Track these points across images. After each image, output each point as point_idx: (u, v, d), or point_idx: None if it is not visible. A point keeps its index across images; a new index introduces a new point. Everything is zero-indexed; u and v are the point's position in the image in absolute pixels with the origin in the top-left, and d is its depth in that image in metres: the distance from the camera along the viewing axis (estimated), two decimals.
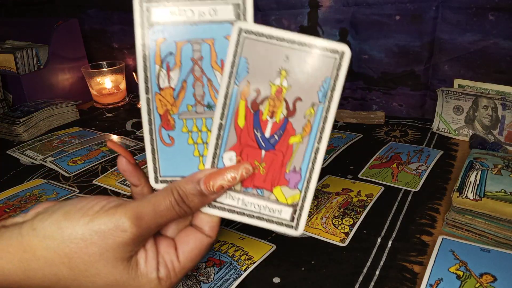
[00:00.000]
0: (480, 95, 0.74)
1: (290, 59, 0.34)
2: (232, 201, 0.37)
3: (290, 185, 0.36)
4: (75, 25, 1.13)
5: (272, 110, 0.35)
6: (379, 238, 0.52)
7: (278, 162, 0.36)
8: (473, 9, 0.75)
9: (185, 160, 0.39)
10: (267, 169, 0.36)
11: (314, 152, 0.35)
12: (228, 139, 0.37)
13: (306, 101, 0.34)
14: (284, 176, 0.36)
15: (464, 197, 0.51)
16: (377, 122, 0.87)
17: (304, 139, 0.35)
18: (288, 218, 0.37)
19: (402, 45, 0.83)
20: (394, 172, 0.67)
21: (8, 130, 0.92)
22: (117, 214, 0.32)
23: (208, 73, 0.37)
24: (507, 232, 0.49)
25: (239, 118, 0.36)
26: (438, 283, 0.43)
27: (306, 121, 0.35)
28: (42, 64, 1.08)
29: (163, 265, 0.35)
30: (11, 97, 1.04)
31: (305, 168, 0.35)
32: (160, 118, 0.39)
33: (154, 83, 0.38)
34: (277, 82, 0.34)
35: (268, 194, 0.36)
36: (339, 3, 0.85)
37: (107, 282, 0.32)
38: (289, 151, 0.36)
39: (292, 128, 0.35)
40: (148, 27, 0.37)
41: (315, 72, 0.33)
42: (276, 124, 0.35)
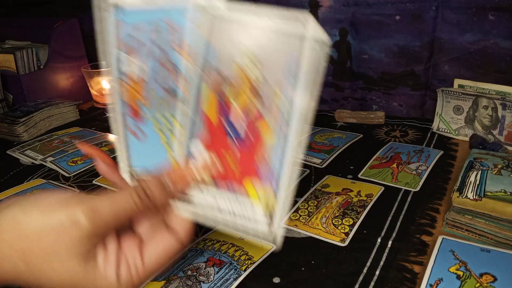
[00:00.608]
0: (480, 95, 0.74)
1: (254, 39, 0.31)
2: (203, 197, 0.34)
3: (262, 179, 0.32)
4: (75, 25, 1.13)
5: (235, 92, 0.32)
6: (379, 238, 0.52)
7: (247, 151, 0.32)
8: (473, 9, 0.75)
9: (152, 148, 0.37)
10: (236, 160, 0.33)
11: (284, 139, 0.31)
12: (195, 127, 0.34)
13: (273, 83, 0.31)
14: (254, 168, 0.32)
15: (464, 197, 0.51)
16: (377, 122, 0.87)
17: (271, 124, 0.31)
18: (265, 230, 0.33)
19: (402, 45, 0.83)
20: (394, 172, 0.67)
21: (8, 130, 0.92)
22: (73, 208, 0.30)
23: (171, 57, 0.34)
24: (507, 232, 0.49)
25: (205, 104, 0.33)
26: (438, 283, 0.43)
27: (274, 105, 0.31)
28: (42, 64, 1.08)
29: (124, 264, 0.33)
30: (11, 97, 1.04)
31: (277, 161, 0.31)
32: (126, 106, 0.37)
33: (116, 68, 0.36)
34: (243, 65, 0.31)
35: (240, 188, 0.33)
36: (339, 3, 0.85)
37: (63, 279, 0.31)
38: (258, 139, 0.32)
39: (259, 114, 0.32)
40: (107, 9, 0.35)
41: (281, 53, 0.30)
42: (243, 110, 0.32)
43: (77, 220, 0.30)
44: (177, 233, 0.35)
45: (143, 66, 0.35)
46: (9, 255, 0.30)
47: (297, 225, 0.56)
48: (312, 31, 0.30)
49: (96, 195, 0.32)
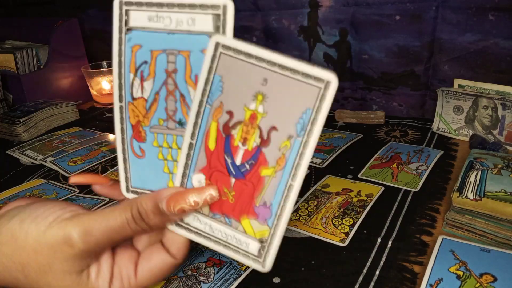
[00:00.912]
0: (480, 95, 0.74)
1: (268, 82, 0.30)
2: (199, 224, 0.34)
3: (260, 219, 0.32)
4: (75, 25, 1.13)
5: (244, 136, 0.32)
6: (379, 238, 0.52)
7: (247, 193, 0.33)
8: (473, 9, 0.75)
9: (154, 174, 0.37)
10: (236, 198, 0.33)
11: (287, 189, 0.31)
12: (198, 160, 0.34)
13: (282, 131, 0.30)
14: (253, 208, 0.32)
15: (464, 197, 0.51)
16: (377, 122, 0.87)
17: (277, 173, 0.31)
18: (255, 253, 0.33)
19: (402, 45, 0.83)
20: (394, 172, 0.67)
21: (8, 130, 0.92)
22: (68, 227, 0.32)
23: (181, 87, 0.35)
24: (507, 232, 0.49)
25: (210, 140, 0.33)
26: (438, 283, 0.43)
27: (281, 154, 0.31)
28: (42, 64, 1.08)
29: (118, 279, 0.34)
30: (11, 97, 1.04)
31: (276, 204, 0.32)
32: (132, 129, 0.37)
33: (127, 91, 0.36)
34: (252, 107, 0.31)
35: (236, 224, 0.33)
36: (339, 3, 0.85)
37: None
38: (260, 183, 0.32)
39: (264, 159, 0.31)
40: (126, 32, 0.35)
41: (295, 101, 0.29)
42: (247, 152, 0.32)
43: (71, 240, 0.31)
44: (172, 251, 0.35)
45: (155, 94, 0.36)
46: (10, 267, 0.32)
47: (297, 225, 0.56)
48: (334, 78, 0.28)
49: (91, 212, 0.33)
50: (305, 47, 0.92)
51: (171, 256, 0.35)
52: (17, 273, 0.32)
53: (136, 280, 0.34)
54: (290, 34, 0.93)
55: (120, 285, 0.34)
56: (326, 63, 0.93)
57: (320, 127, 0.29)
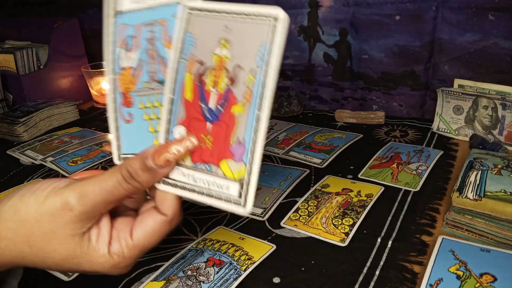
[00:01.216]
0: (480, 95, 0.74)
1: (229, 28, 0.34)
2: (183, 177, 0.37)
3: (235, 158, 0.34)
4: (75, 25, 1.13)
5: (214, 80, 0.35)
6: (379, 238, 0.52)
7: (223, 134, 0.35)
8: (473, 9, 0.75)
9: (141, 136, 0.40)
10: (213, 142, 0.35)
11: (256, 121, 0.33)
12: (178, 113, 0.37)
13: (246, 67, 0.34)
14: (229, 148, 0.35)
15: (464, 197, 0.51)
16: (377, 122, 0.87)
17: (245, 107, 0.34)
18: (236, 195, 0.34)
19: (402, 45, 0.83)
20: (394, 172, 0.67)
21: (8, 130, 0.92)
22: (64, 193, 0.34)
23: (160, 50, 0.39)
24: (507, 232, 0.49)
25: (186, 91, 0.36)
26: (438, 283, 0.43)
27: (246, 89, 0.34)
28: (42, 64, 1.08)
29: (116, 241, 0.36)
30: (11, 97, 1.04)
31: (249, 138, 0.34)
32: (121, 96, 0.41)
33: (117, 64, 0.41)
34: (218, 52, 0.35)
35: (216, 168, 0.35)
36: (339, 3, 0.85)
37: (63, 257, 0.35)
38: (232, 121, 0.34)
39: (234, 97, 0.34)
40: (114, 16, 0.41)
41: (252, 39, 0.33)
42: (219, 95, 0.35)
43: (68, 204, 0.34)
44: (162, 209, 0.37)
45: (138, 61, 0.40)
46: (15, 240, 0.35)
47: (297, 225, 0.56)
48: (281, 13, 0.32)
49: (85, 179, 0.35)
50: (305, 47, 0.92)
51: (163, 218, 0.37)
52: (23, 245, 0.35)
53: (132, 241, 0.36)
54: (290, 34, 0.92)
55: (118, 246, 0.36)
56: (326, 63, 0.93)
57: (277, 57, 0.32)
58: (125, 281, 0.48)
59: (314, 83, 0.96)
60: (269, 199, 0.62)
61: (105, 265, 0.36)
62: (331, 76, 0.94)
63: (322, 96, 0.97)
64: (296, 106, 0.95)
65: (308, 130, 0.85)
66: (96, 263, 0.36)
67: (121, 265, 0.36)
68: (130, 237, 0.36)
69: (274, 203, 0.61)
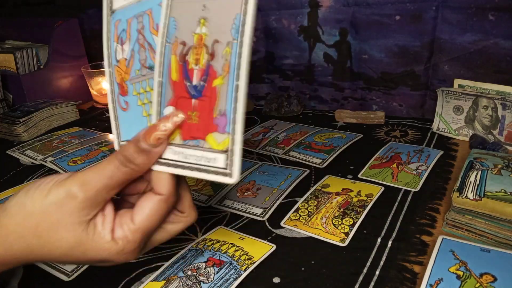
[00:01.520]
0: (480, 95, 0.74)
1: (207, 7, 0.36)
2: (174, 155, 0.38)
3: (220, 129, 0.36)
4: (75, 25, 1.13)
5: (196, 57, 0.37)
6: (379, 238, 0.52)
7: (206, 108, 0.37)
8: (473, 9, 0.75)
9: (136, 121, 0.43)
10: (199, 117, 0.37)
11: (235, 91, 0.35)
12: (166, 95, 0.39)
13: (223, 41, 0.35)
14: (213, 121, 0.36)
15: (464, 197, 0.51)
16: (377, 122, 0.87)
17: (224, 79, 0.35)
18: (222, 165, 0.36)
19: (402, 45, 0.83)
20: (394, 172, 0.67)
21: (8, 130, 0.92)
22: (67, 184, 0.36)
23: (148, 38, 0.41)
24: (507, 232, 0.49)
25: (172, 72, 0.39)
26: (438, 283, 0.43)
27: (224, 61, 0.35)
28: (42, 64, 1.08)
29: (119, 227, 0.38)
30: (11, 97, 1.04)
31: (230, 109, 0.35)
32: (118, 86, 0.44)
33: (113, 57, 0.44)
34: (198, 31, 0.37)
35: (203, 143, 0.37)
36: (339, 3, 0.85)
37: (70, 245, 0.37)
38: (214, 94, 0.36)
39: (214, 71, 0.36)
40: (110, 14, 0.44)
41: (226, 12, 0.35)
42: (201, 71, 0.37)
43: (71, 192, 0.36)
44: (158, 190, 0.38)
45: (131, 51, 0.43)
46: (23, 234, 0.36)
47: (297, 225, 0.56)
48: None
49: (85, 169, 0.37)
50: (305, 47, 0.92)
51: (160, 198, 0.38)
52: (30, 237, 0.36)
53: (134, 224, 0.38)
54: (290, 34, 0.92)
55: (121, 232, 0.37)
56: (326, 63, 0.93)
57: (250, 27, 0.34)
58: (125, 281, 0.48)
59: (314, 83, 0.96)
60: (269, 199, 0.62)
61: (111, 251, 0.37)
62: (331, 76, 0.94)
63: (322, 96, 0.97)
64: (296, 106, 0.95)
65: (308, 130, 0.85)
66: (102, 250, 0.37)
67: (126, 250, 0.38)
68: (131, 222, 0.38)
69: (274, 203, 0.61)
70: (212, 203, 0.62)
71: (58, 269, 0.51)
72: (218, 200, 0.63)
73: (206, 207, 0.62)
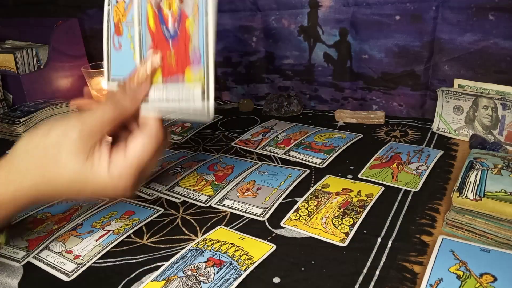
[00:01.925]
0: (480, 95, 0.74)
1: None
2: (158, 93, 0.44)
3: (195, 64, 0.41)
4: (75, 25, 1.13)
5: (169, 3, 0.43)
6: (379, 238, 0.52)
7: (182, 46, 0.42)
8: (473, 9, 0.75)
9: (128, 63, 0.47)
10: (176, 55, 0.43)
11: (205, 28, 0.40)
12: (146, 40, 0.44)
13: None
14: (189, 57, 0.42)
15: (464, 197, 0.51)
16: (377, 122, 0.87)
17: (195, 18, 0.41)
18: (200, 96, 0.41)
19: (402, 45, 0.83)
20: (394, 172, 0.67)
21: (8, 130, 0.92)
22: (65, 121, 0.42)
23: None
24: (507, 232, 0.49)
25: (150, 20, 0.44)
26: (438, 283, 0.43)
27: (193, 3, 0.41)
28: (42, 64, 1.08)
29: (113, 163, 0.42)
30: (11, 97, 1.04)
31: (202, 44, 0.40)
32: (114, 26, 0.48)
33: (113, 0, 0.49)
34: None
35: (182, 78, 0.42)
36: (339, 3, 0.85)
37: (70, 178, 0.42)
38: (187, 34, 0.42)
39: (185, 14, 0.41)
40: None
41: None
42: (174, 15, 0.42)
43: (70, 127, 0.41)
44: (149, 131, 0.44)
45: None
46: (29, 170, 0.42)
47: (297, 225, 0.56)
48: None
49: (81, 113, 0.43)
50: (305, 47, 0.92)
51: (149, 135, 0.44)
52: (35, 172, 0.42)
53: (125, 158, 0.42)
54: (290, 34, 0.92)
55: (115, 168, 0.42)
56: (326, 63, 0.93)
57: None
58: (125, 281, 0.48)
59: (314, 83, 0.96)
60: (269, 199, 0.62)
61: (107, 187, 0.42)
62: (331, 76, 0.94)
63: (322, 96, 0.97)
64: (296, 106, 0.95)
65: (308, 130, 0.85)
66: (99, 185, 0.42)
67: (120, 186, 0.42)
68: (124, 157, 0.42)
69: (274, 203, 0.61)
70: (212, 203, 0.62)
71: (58, 269, 0.51)
72: (218, 200, 0.63)
73: (206, 207, 0.62)
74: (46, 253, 0.54)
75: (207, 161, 0.75)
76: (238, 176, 0.69)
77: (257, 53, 0.99)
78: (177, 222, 0.59)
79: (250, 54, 0.99)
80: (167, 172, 0.72)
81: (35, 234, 0.57)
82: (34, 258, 0.53)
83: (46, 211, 0.63)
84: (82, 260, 0.52)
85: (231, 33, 0.98)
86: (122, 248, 0.54)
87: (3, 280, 0.51)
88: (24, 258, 0.53)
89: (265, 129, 0.88)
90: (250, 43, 0.98)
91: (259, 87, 1.04)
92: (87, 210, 0.62)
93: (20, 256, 0.53)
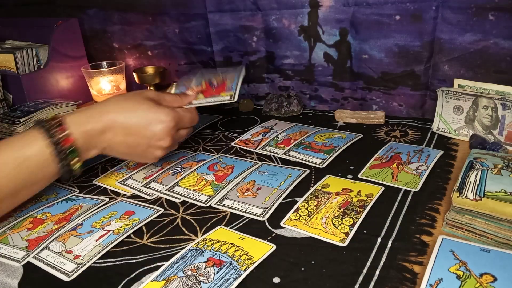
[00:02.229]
0: (480, 95, 0.74)
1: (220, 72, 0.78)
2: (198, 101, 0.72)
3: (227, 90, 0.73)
4: (75, 25, 1.13)
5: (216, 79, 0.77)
6: (379, 238, 0.52)
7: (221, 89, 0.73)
8: (473, 9, 0.75)
9: None
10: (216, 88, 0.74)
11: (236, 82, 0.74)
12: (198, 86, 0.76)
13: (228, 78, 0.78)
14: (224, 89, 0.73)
15: (464, 197, 0.51)
16: (377, 122, 0.87)
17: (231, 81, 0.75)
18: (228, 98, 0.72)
19: (402, 45, 0.83)
20: (394, 172, 0.67)
21: (8, 130, 0.92)
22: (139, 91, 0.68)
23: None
24: (507, 232, 0.49)
25: (203, 85, 0.76)
26: (438, 283, 0.43)
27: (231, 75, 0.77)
28: (42, 64, 1.08)
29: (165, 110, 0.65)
30: (11, 97, 1.04)
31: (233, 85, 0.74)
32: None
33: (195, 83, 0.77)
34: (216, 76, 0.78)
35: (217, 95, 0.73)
36: (339, 3, 0.85)
37: (139, 120, 0.62)
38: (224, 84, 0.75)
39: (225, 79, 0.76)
40: None
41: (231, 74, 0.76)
42: (217, 84, 0.76)
43: (148, 93, 0.67)
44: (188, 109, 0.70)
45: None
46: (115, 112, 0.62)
47: (297, 225, 0.56)
48: None
49: None
50: (305, 47, 0.92)
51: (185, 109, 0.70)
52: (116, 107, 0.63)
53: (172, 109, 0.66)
54: (290, 34, 0.92)
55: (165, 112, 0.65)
56: (326, 63, 0.93)
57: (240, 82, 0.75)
58: (125, 281, 0.48)
59: (314, 83, 0.96)
60: (269, 199, 0.62)
61: (164, 123, 0.63)
62: (331, 76, 0.94)
63: (322, 96, 0.97)
64: (296, 106, 0.95)
65: (308, 130, 0.85)
66: (159, 121, 0.63)
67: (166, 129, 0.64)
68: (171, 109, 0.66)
69: (274, 203, 0.61)
70: (212, 203, 0.62)
71: (58, 269, 0.51)
72: (218, 200, 0.63)
73: (206, 207, 0.62)
74: (46, 253, 0.54)
75: (207, 161, 0.75)
76: (238, 176, 0.69)
77: (257, 53, 0.99)
78: (177, 222, 0.59)
79: (250, 53, 0.99)
80: (167, 172, 0.72)
81: (35, 234, 0.57)
82: (34, 258, 0.53)
83: (46, 211, 0.63)
84: (82, 260, 0.52)
85: (231, 32, 0.98)
86: (122, 248, 0.54)
87: (3, 280, 0.51)
88: (24, 258, 0.53)
89: (265, 129, 0.88)
90: (251, 43, 0.98)
91: (259, 87, 1.04)
92: (87, 210, 0.62)
93: (20, 256, 0.53)
